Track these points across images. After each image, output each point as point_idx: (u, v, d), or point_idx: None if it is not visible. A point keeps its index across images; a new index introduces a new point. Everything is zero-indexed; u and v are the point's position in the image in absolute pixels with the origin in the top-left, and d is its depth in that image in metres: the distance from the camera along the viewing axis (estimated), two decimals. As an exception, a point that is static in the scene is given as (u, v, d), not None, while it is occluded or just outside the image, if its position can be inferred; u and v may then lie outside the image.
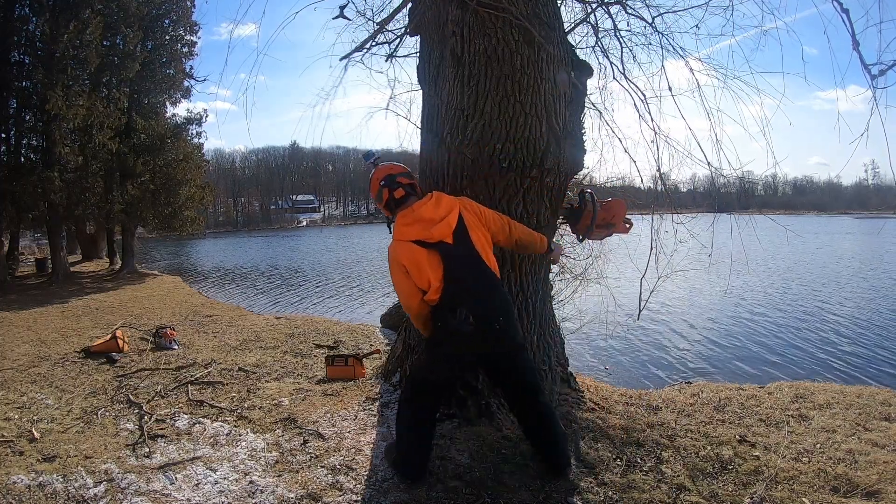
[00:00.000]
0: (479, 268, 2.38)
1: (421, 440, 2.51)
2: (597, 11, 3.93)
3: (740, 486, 2.51)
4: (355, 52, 4.06)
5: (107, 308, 9.49)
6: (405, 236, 2.40)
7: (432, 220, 2.38)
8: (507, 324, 2.41)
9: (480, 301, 2.35)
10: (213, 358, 5.11)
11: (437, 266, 2.34)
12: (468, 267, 2.37)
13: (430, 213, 2.40)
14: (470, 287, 2.36)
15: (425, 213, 2.40)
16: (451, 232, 2.37)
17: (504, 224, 2.57)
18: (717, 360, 6.72)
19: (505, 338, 2.41)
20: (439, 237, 2.36)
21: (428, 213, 2.40)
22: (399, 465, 2.56)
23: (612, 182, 4.95)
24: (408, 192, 2.54)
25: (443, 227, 2.37)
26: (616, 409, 3.48)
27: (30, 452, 2.93)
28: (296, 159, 79.50)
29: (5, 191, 12.77)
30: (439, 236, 2.36)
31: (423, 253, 2.35)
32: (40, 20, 12.84)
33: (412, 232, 2.39)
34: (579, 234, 3.55)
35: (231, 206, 73.23)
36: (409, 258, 2.38)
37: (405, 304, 2.50)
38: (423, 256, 2.35)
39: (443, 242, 2.35)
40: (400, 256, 2.40)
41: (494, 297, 2.41)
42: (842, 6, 2.75)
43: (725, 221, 4.03)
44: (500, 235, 2.55)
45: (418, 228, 2.38)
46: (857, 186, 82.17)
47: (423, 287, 2.39)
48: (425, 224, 2.38)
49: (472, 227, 2.42)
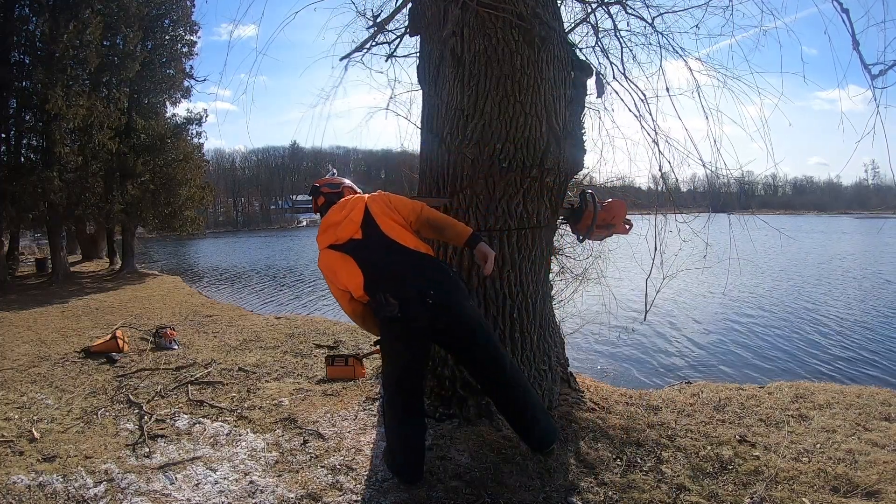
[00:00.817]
0: (394, 249, 2.37)
1: (408, 440, 2.48)
2: (597, 11, 3.93)
3: (740, 486, 2.51)
4: (355, 52, 4.06)
5: (107, 308, 9.49)
6: (321, 244, 2.50)
7: (337, 222, 2.46)
8: (442, 296, 2.32)
9: (400, 281, 2.32)
10: (213, 358, 5.12)
11: (352, 265, 2.40)
12: (381, 253, 2.37)
13: (335, 217, 2.48)
14: (386, 271, 2.36)
15: (332, 217, 2.49)
16: (357, 227, 2.42)
17: (415, 207, 2.53)
18: (717, 360, 6.73)
19: (442, 310, 2.32)
20: (347, 236, 2.42)
21: (333, 217, 2.49)
22: (394, 467, 2.55)
23: (612, 182, 4.95)
24: (329, 200, 2.65)
25: (348, 225, 2.43)
26: (616, 409, 3.48)
27: (30, 452, 2.93)
28: (296, 159, 79.42)
29: (5, 191, 12.76)
30: (347, 235, 2.42)
31: (337, 256, 2.43)
32: (40, 20, 12.83)
33: (325, 239, 2.48)
34: (580, 234, 3.55)
35: (231, 206, 73.16)
36: (325, 265, 2.50)
37: (342, 307, 2.57)
38: (336, 260, 2.44)
39: (352, 240, 2.41)
40: (320, 265, 2.52)
41: (420, 273, 2.35)
42: (842, 6, 2.75)
43: (724, 222, 4.03)
44: (412, 216, 2.50)
45: (329, 234, 2.47)
46: (857, 186, 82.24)
47: (343, 288, 2.46)
48: (333, 228, 2.46)
49: (378, 215, 2.43)
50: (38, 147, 14.25)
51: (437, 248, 3.31)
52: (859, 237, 30.40)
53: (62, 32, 12.32)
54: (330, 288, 2.55)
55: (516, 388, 2.47)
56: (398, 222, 2.46)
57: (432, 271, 2.40)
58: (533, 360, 3.31)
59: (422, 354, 2.47)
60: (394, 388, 2.48)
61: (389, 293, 2.30)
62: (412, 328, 2.33)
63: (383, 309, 2.32)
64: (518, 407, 2.49)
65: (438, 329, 2.36)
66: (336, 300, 2.58)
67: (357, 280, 2.39)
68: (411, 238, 2.45)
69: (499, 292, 3.22)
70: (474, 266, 3.11)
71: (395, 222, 2.46)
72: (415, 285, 2.31)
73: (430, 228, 2.55)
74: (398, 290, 2.30)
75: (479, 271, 3.20)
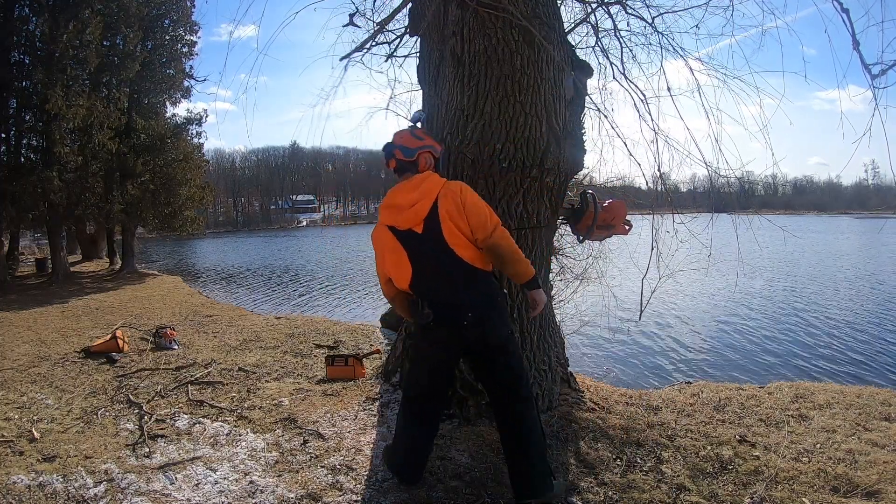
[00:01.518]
0: (448, 256, 2.21)
1: (415, 442, 2.45)
2: (597, 11, 3.93)
3: (740, 486, 2.51)
4: (355, 52, 4.05)
5: (107, 308, 9.49)
6: (380, 219, 2.35)
7: (402, 206, 2.27)
8: (481, 320, 2.24)
9: (445, 291, 2.23)
10: (213, 358, 5.11)
11: (403, 258, 2.27)
12: (435, 255, 2.22)
13: (402, 198, 2.28)
14: (434, 276, 2.25)
15: (398, 198, 2.29)
16: (420, 221, 2.22)
17: (486, 226, 2.23)
18: (717, 360, 6.73)
19: (475, 333, 2.25)
20: (408, 225, 2.25)
21: (400, 198, 2.29)
22: (393, 466, 2.53)
23: (612, 182, 4.95)
24: (401, 166, 2.38)
25: (411, 216, 2.24)
26: (616, 409, 3.48)
27: (30, 452, 2.93)
28: (296, 159, 79.50)
29: (5, 191, 12.76)
30: (407, 224, 2.25)
31: (391, 242, 2.29)
32: (40, 20, 12.82)
33: (385, 216, 2.33)
34: (580, 234, 3.55)
35: (231, 206, 73.22)
36: (378, 242, 2.37)
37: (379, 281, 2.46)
38: (387, 244, 2.30)
39: (411, 231, 2.24)
40: (373, 237, 2.40)
41: (466, 289, 2.24)
42: (842, 6, 2.75)
43: (725, 222, 4.03)
44: (480, 233, 2.23)
45: (390, 213, 2.31)
46: (857, 186, 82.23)
47: (386, 276, 2.37)
48: (397, 210, 2.28)
49: (445, 218, 2.21)
50: (38, 147, 14.24)
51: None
52: (861, 237, 30.41)
53: (62, 32, 12.31)
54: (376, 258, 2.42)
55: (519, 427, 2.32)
56: (463, 231, 2.23)
57: (479, 291, 2.28)
58: (533, 360, 3.31)
59: (449, 363, 2.40)
60: (415, 389, 2.45)
61: (429, 300, 2.25)
62: (443, 339, 2.29)
63: (419, 314, 2.29)
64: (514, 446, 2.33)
65: (467, 346, 2.32)
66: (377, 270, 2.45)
67: (406, 274, 2.28)
68: (469, 250, 2.25)
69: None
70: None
71: (460, 230, 2.23)
72: (456, 301, 2.23)
73: (493, 255, 2.28)
74: (439, 299, 2.24)
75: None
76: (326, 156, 79.62)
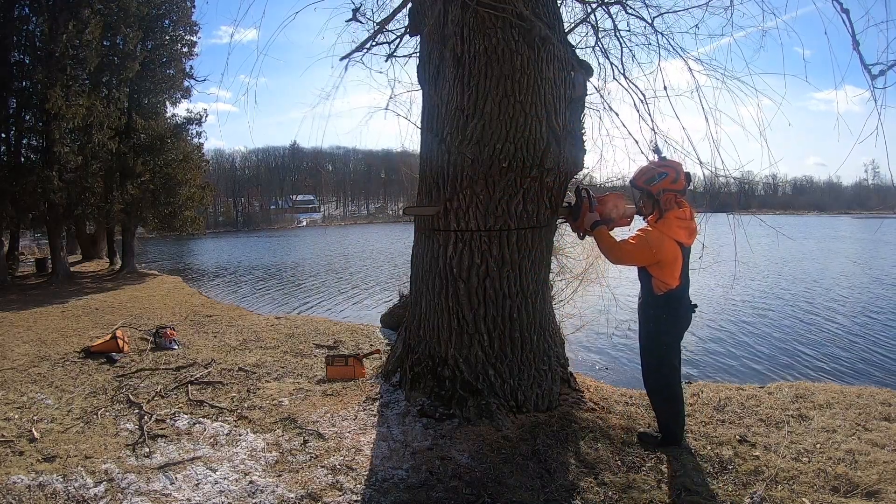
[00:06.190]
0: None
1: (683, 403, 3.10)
2: (597, 11, 3.93)
3: (740, 486, 2.51)
4: (355, 52, 4.05)
5: (107, 308, 9.49)
6: (677, 235, 2.84)
7: (695, 230, 2.94)
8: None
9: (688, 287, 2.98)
10: (213, 358, 5.11)
11: (681, 264, 2.87)
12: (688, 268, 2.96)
13: (694, 224, 2.93)
14: (687, 276, 2.95)
15: (693, 224, 2.93)
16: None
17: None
18: (718, 360, 6.72)
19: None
20: (691, 242, 2.92)
21: (694, 224, 2.93)
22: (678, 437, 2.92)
23: (612, 182, 4.95)
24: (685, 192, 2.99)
25: (693, 235, 2.94)
26: (616, 409, 3.49)
27: (30, 452, 2.94)
28: (296, 159, 79.48)
29: (5, 191, 12.75)
30: (691, 242, 2.92)
31: (678, 252, 2.85)
32: (40, 20, 12.82)
33: (683, 234, 2.85)
34: (580, 231, 3.54)
35: (231, 206, 73.21)
36: (671, 254, 2.84)
37: (637, 256, 2.89)
38: (675, 252, 2.84)
39: (688, 246, 2.91)
40: (665, 247, 2.82)
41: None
42: (842, 6, 2.75)
43: (724, 222, 4.03)
44: None
45: (687, 234, 2.87)
46: (856, 186, 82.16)
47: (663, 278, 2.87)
48: (692, 233, 2.91)
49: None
50: (38, 147, 14.23)
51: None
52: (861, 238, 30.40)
53: (62, 32, 12.31)
54: (638, 252, 2.85)
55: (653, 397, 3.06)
56: None
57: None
58: (533, 360, 3.31)
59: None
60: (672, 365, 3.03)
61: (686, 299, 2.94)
62: (683, 328, 3.01)
63: (689, 310, 2.96)
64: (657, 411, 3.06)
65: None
66: (639, 250, 2.85)
67: (678, 273, 2.86)
68: None
69: (498, 292, 3.22)
70: (473, 266, 3.21)
71: None
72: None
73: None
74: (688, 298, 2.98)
75: (478, 271, 3.22)
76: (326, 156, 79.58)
